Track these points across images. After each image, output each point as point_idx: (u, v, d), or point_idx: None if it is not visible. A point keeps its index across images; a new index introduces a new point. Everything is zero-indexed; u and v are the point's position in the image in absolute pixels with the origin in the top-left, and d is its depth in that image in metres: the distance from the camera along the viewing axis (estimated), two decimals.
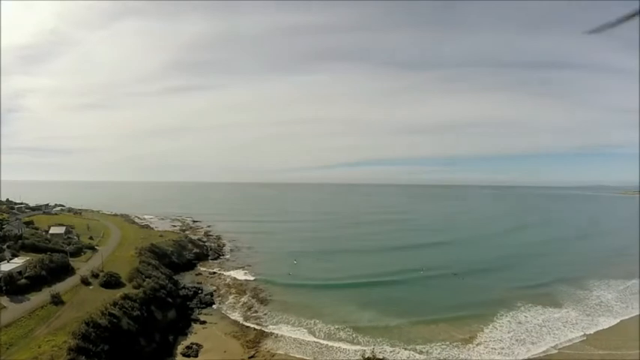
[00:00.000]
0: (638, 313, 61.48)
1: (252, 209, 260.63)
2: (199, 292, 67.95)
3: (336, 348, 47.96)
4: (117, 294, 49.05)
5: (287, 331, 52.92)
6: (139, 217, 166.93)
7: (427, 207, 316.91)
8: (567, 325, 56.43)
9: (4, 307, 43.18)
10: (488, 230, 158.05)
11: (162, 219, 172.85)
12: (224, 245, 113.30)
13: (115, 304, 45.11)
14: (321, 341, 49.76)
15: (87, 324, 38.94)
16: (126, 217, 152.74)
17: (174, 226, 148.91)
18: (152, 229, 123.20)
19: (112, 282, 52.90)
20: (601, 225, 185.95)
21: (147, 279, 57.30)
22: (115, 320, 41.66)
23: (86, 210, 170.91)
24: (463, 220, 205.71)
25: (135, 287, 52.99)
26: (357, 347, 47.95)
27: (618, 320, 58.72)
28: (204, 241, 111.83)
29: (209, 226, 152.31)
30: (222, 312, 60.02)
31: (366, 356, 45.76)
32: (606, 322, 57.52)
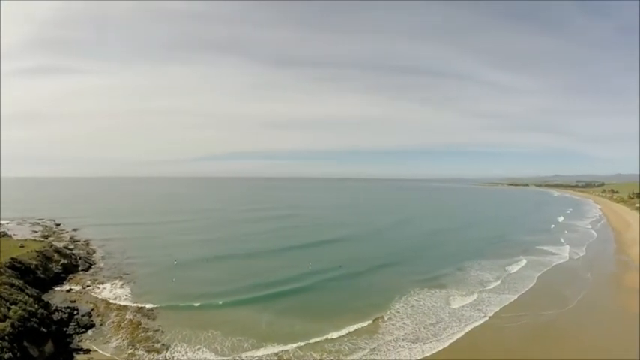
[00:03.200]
0: (526, 290, 76.60)
1: (118, 208, 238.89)
2: (75, 312, 61.41)
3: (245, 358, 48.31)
4: None
5: (184, 348, 51.66)
6: None
7: (308, 201, 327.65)
8: (460, 305, 67.16)
9: None
10: (374, 225, 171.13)
11: (20, 223, 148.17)
12: (94, 252, 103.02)
13: None
14: (225, 356, 49.55)
15: None
16: None
17: (35, 231, 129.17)
18: (10, 237, 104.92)
19: None
20: (471, 216, 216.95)
21: (12, 306, 49.66)
22: None
23: None
24: (346, 214, 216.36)
25: (0, 320, 45.51)
26: (263, 354, 49.12)
27: (515, 296, 72.69)
28: (71, 249, 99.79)
29: (74, 230, 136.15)
30: (106, 334, 55.94)
31: None
32: (497, 299, 69.89)
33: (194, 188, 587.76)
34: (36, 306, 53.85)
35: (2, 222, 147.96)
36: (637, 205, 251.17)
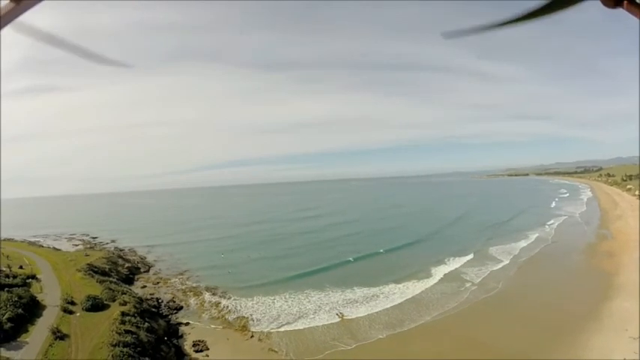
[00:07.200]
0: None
1: (147, 221, 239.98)
2: (160, 300, 71.61)
3: (316, 317, 59.71)
4: (112, 314, 52.12)
5: (263, 313, 62.47)
6: (32, 240, 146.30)
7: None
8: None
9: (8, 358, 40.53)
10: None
11: (56, 239, 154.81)
12: (146, 257, 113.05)
13: (123, 322, 48.81)
14: (300, 321, 60.87)
15: (114, 346, 42.63)
16: (29, 242, 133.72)
17: (75, 245, 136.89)
18: (60, 250, 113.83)
19: (98, 304, 55.06)
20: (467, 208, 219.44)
21: (123, 295, 60.14)
22: (135, 335, 46.08)
23: None
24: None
25: (121, 304, 56.04)
26: (325, 316, 60.28)
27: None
28: (125, 255, 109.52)
29: (113, 242, 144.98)
30: (196, 312, 66.57)
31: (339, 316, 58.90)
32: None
33: (195, 199, 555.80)
34: (138, 294, 64.48)
35: (38, 239, 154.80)
36: (628, 186, 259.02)
